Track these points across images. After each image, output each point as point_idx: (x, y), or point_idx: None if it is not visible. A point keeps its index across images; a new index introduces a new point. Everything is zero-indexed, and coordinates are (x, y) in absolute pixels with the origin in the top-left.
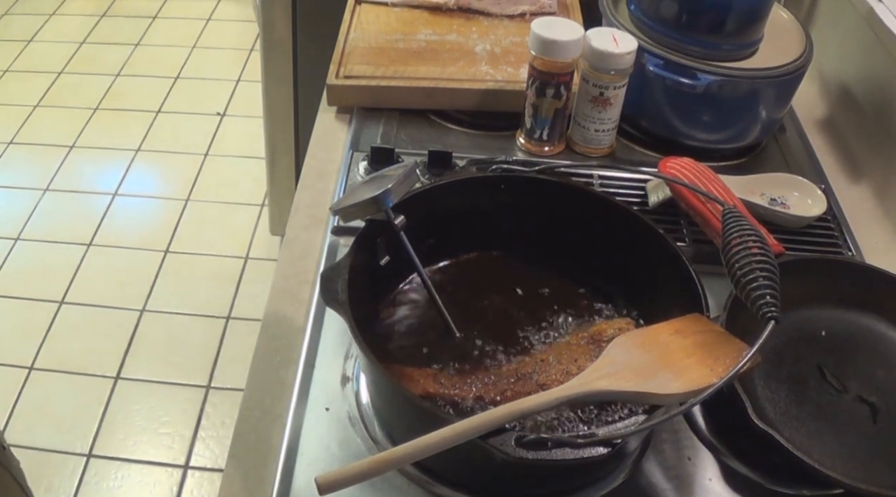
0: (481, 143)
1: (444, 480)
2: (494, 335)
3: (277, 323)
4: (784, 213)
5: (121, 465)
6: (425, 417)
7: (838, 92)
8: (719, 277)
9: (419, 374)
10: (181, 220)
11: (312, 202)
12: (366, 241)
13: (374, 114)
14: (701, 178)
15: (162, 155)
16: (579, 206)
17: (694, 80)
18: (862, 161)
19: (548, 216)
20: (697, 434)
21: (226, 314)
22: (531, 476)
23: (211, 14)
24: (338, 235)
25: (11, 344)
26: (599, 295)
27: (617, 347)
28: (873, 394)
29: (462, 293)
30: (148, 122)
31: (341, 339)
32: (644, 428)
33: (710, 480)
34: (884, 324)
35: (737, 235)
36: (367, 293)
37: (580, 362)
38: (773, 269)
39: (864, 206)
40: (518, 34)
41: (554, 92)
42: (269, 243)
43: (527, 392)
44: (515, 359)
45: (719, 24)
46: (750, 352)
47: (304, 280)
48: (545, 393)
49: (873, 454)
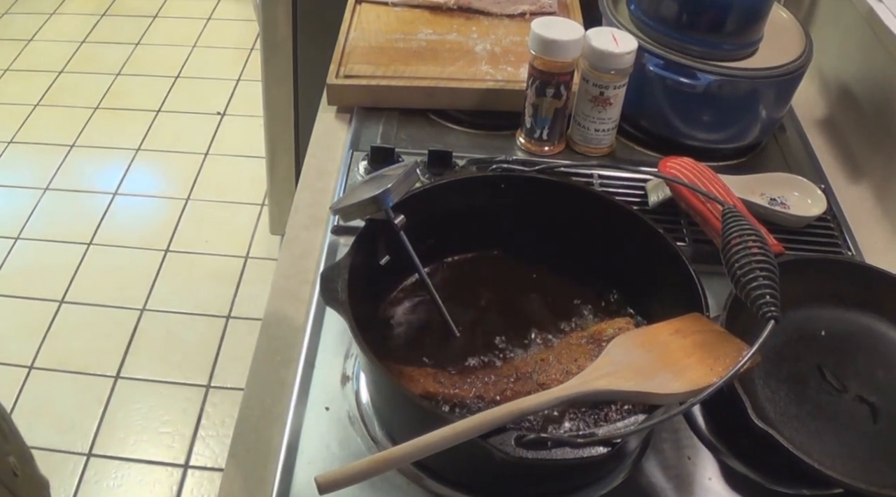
0: (481, 143)
1: (444, 479)
2: (494, 334)
3: (277, 322)
4: (784, 213)
5: (121, 465)
6: (425, 417)
7: (838, 92)
8: (719, 277)
9: (419, 373)
10: (181, 219)
11: (312, 202)
12: (366, 240)
13: (374, 113)
14: (701, 178)
15: (162, 154)
16: (579, 205)
17: (694, 80)
18: (862, 161)
19: (548, 216)
20: (697, 434)
21: (226, 313)
22: (531, 475)
23: (211, 13)
24: (338, 235)
25: (11, 343)
26: (599, 294)
27: (617, 347)
28: (873, 394)
29: (462, 292)
30: (148, 122)
31: (341, 338)
32: (644, 427)
33: (709, 480)
34: (884, 323)
35: (737, 235)
36: (367, 293)
37: (580, 362)
38: (772, 269)
39: (864, 206)
40: (518, 34)
41: (554, 91)
42: (269, 243)
43: (526, 391)
44: (515, 358)
45: (719, 24)
46: (750, 351)
47: (304, 279)
48: (545, 392)
49: (873, 454)
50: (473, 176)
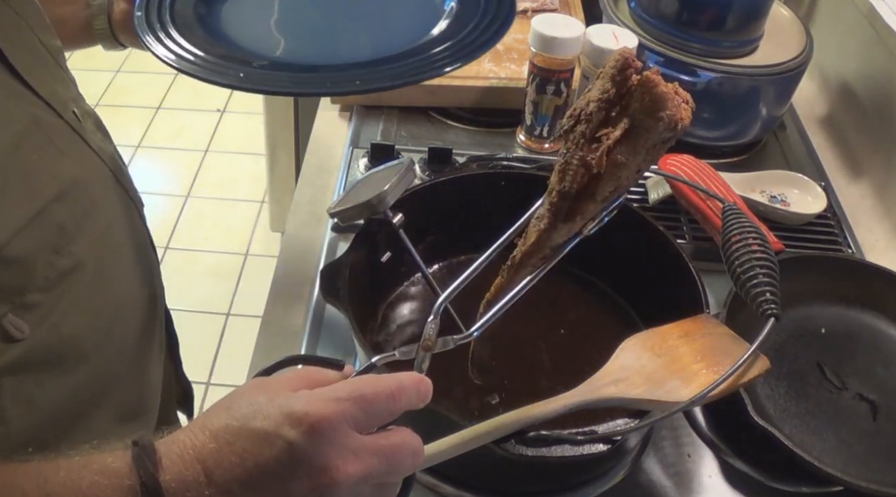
0: (481, 140)
1: (445, 477)
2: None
3: (277, 319)
4: (784, 211)
5: None
6: (426, 416)
7: (839, 89)
8: (719, 275)
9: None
10: (181, 216)
11: (313, 199)
12: (366, 237)
13: (374, 110)
14: (701, 176)
15: (162, 151)
16: None
17: (694, 78)
18: (862, 158)
19: None
20: (697, 431)
21: (226, 311)
22: (531, 473)
23: None
24: (338, 232)
25: None
26: (599, 291)
27: (627, 351)
28: (873, 391)
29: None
30: (148, 118)
31: (341, 336)
32: (644, 425)
33: (709, 477)
34: (884, 321)
35: (737, 232)
36: (367, 290)
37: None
38: (773, 267)
39: (865, 204)
40: (521, 31)
41: (554, 89)
42: (269, 240)
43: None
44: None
45: (719, 21)
46: (749, 350)
47: (304, 277)
48: (553, 399)
49: (873, 451)
50: (473, 173)
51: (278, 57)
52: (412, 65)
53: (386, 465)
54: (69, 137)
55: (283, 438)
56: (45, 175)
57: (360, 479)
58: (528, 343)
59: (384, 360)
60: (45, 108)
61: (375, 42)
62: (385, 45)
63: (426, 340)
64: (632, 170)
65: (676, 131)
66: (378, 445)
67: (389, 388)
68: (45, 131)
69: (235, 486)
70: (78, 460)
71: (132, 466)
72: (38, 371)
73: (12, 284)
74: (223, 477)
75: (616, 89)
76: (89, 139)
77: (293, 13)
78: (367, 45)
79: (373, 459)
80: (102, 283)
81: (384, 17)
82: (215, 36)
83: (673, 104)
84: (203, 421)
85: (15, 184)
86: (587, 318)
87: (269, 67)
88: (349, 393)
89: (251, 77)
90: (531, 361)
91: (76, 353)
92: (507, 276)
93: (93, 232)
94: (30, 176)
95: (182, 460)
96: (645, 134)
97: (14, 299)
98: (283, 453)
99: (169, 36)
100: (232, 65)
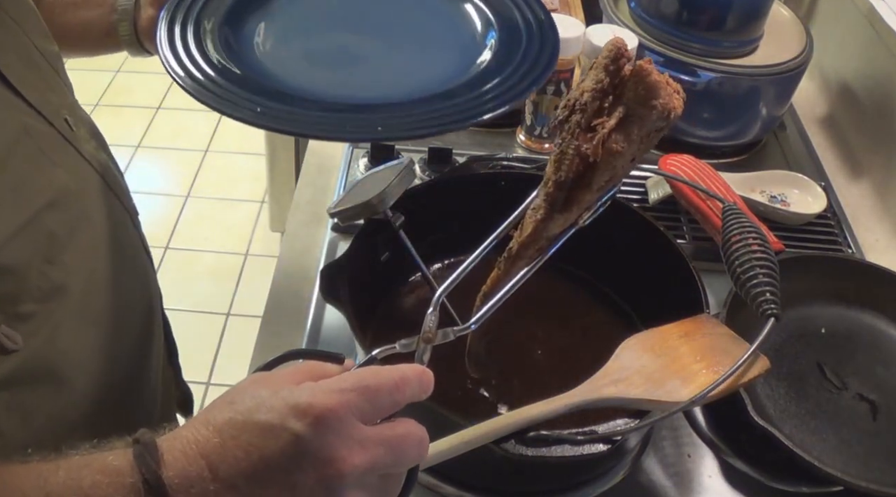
0: (481, 140)
1: (445, 477)
2: (495, 333)
3: (278, 319)
4: (784, 211)
5: None
6: (426, 415)
7: (839, 89)
8: (719, 275)
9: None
10: (181, 216)
11: (313, 199)
12: (366, 237)
13: None
14: (701, 176)
15: (162, 151)
16: None
17: (694, 78)
18: (862, 158)
19: None
20: (697, 431)
21: (226, 311)
22: (531, 473)
23: None
24: (338, 232)
25: None
26: (598, 291)
27: (627, 351)
28: (873, 391)
29: (462, 290)
30: (148, 118)
31: (342, 336)
32: (644, 425)
33: (709, 477)
34: (884, 321)
35: (737, 232)
36: (367, 290)
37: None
38: (773, 267)
39: (865, 204)
40: None
41: (554, 89)
42: (269, 240)
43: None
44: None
45: (719, 21)
46: (749, 350)
47: (304, 276)
48: (552, 400)
49: (873, 451)
50: (473, 173)
51: (308, 91)
52: (456, 106)
53: (392, 456)
54: (60, 146)
55: (288, 431)
56: (36, 184)
57: (366, 470)
58: (527, 344)
59: (384, 353)
60: (36, 117)
61: (410, 78)
62: (423, 82)
63: (426, 332)
64: (626, 158)
65: (669, 120)
66: (384, 436)
67: (393, 379)
68: (36, 140)
69: (241, 481)
70: (78, 460)
71: (134, 464)
72: (33, 383)
73: (5, 294)
74: (228, 472)
75: (609, 79)
76: (81, 148)
77: (323, 43)
78: (402, 82)
79: (379, 450)
80: (97, 293)
81: (420, 49)
82: (239, 63)
83: (665, 93)
84: (205, 416)
85: (5, 192)
86: (587, 319)
87: (295, 104)
88: (353, 384)
89: (267, 113)
90: (531, 362)
91: (72, 364)
92: (504, 268)
93: (85, 241)
94: (20, 185)
95: (185, 456)
96: (639, 122)
97: (7, 309)
98: (289, 446)
99: (194, 62)
100: (250, 96)
